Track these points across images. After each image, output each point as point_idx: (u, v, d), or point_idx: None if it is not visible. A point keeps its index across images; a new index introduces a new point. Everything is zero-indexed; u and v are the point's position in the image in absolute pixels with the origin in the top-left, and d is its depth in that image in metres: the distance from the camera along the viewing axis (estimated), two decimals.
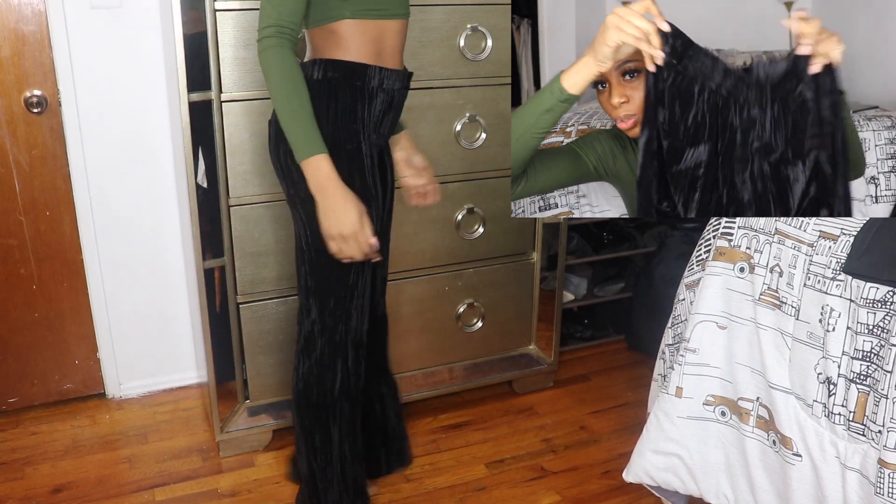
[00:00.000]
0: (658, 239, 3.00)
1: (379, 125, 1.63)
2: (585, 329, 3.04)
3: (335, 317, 1.69)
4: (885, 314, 1.33)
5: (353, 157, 1.59)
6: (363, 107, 1.58)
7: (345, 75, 1.55)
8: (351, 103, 1.57)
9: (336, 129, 1.57)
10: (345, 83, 1.55)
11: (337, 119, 1.56)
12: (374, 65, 1.57)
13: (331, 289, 1.67)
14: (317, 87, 1.54)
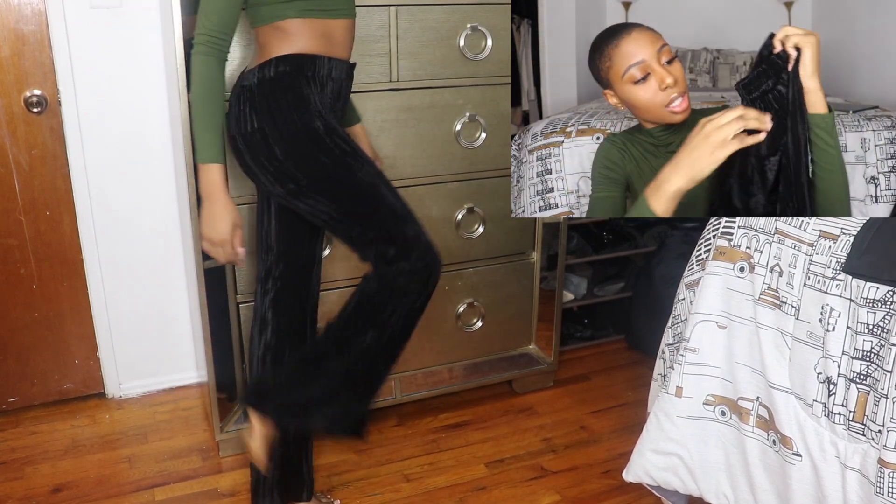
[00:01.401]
0: (658, 239, 3.00)
1: (332, 111, 1.70)
2: (585, 329, 3.04)
3: (415, 247, 1.69)
4: (885, 314, 1.33)
5: (328, 129, 1.65)
6: (315, 94, 1.64)
7: (295, 67, 1.63)
8: (306, 91, 1.63)
9: (301, 113, 1.63)
10: (297, 74, 1.62)
11: (299, 104, 1.62)
12: (323, 55, 1.65)
13: (388, 224, 1.69)
14: (271, 84, 1.62)
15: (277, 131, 1.61)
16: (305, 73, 1.63)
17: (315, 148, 1.63)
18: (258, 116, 1.62)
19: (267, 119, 1.62)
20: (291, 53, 1.62)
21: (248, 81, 1.64)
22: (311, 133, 1.63)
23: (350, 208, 1.66)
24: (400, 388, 2.43)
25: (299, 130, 1.62)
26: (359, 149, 1.69)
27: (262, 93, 1.62)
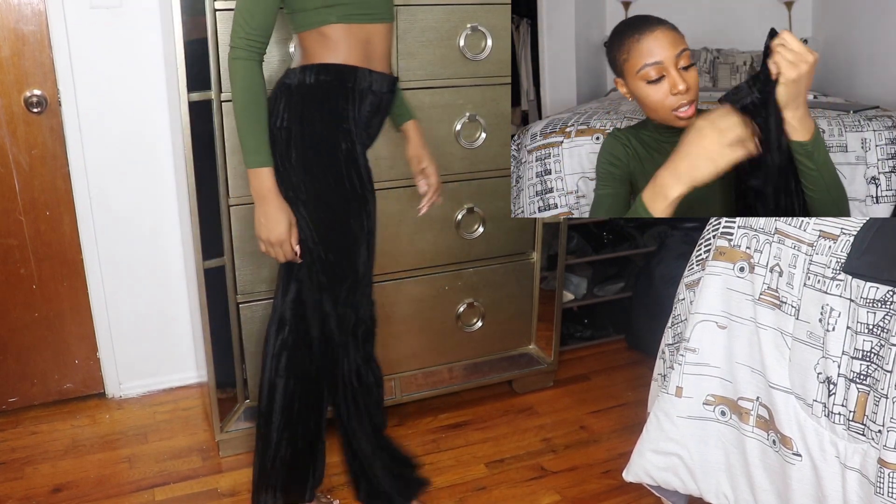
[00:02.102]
0: (658, 239, 3.00)
1: (367, 126, 1.69)
2: (585, 329, 3.04)
3: (346, 306, 1.75)
4: (885, 314, 1.33)
5: (349, 156, 1.65)
6: (354, 108, 1.64)
7: (336, 78, 1.61)
8: (343, 105, 1.63)
9: (330, 129, 1.63)
10: (337, 85, 1.61)
11: (331, 120, 1.63)
12: (364, 67, 1.63)
13: (343, 279, 1.73)
14: (310, 91, 1.61)
15: (300, 137, 1.62)
16: (346, 85, 1.62)
17: (327, 169, 1.64)
18: (289, 116, 1.62)
19: (296, 122, 1.62)
20: (334, 63, 1.61)
21: (289, 80, 1.64)
22: (330, 152, 1.63)
23: (324, 245, 1.70)
24: (400, 388, 2.43)
25: (320, 144, 1.62)
26: (368, 195, 1.70)
27: (300, 95, 1.62)
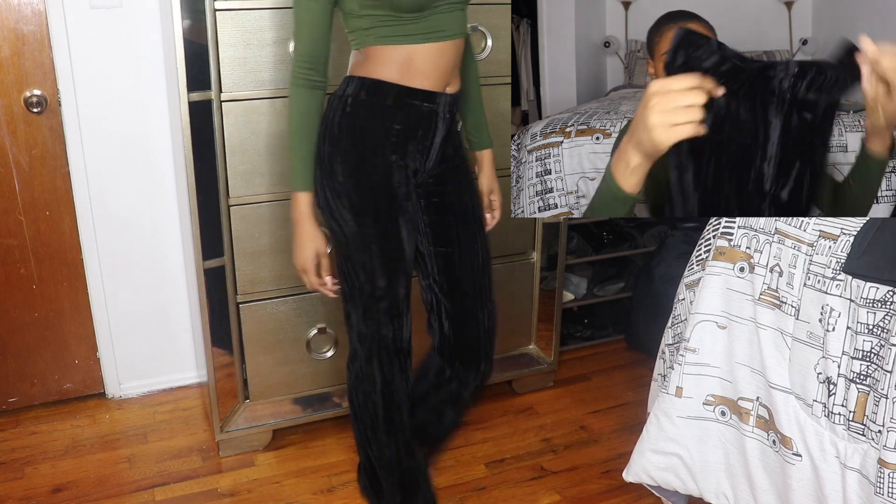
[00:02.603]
0: (658, 239, 3.00)
1: (404, 143, 1.63)
2: (585, 329, 3.04)
3: (368, 323, 1.73)
4: (885, 314, 1.33)
5: (378, 168, 1.63)
6: (381, 123, 1.61)
7: (368, 92, 1.60)
8: (371, 119, 1.61)
9: (359, 142, 1.61)
10: (367, 99, 1.60)
11: (363, 133, 1.61)
12: (396, 83, 1.59)
13: (361, 294, 1.71)
14: (351, 100, 1.61)
15: (339, 140, 1.61)
16: (372, 99, 1.60)
17: (359, 182, 1.62)
18: (339, 119, 1.61)
19: (340, 124, 1.61)
20: (375, 78, 1.59)
21: (341, 90, 1.64)
22: (361, 165, 1.62)
23: (342, 259, 1.70)
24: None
25: (351, 153, 1.61)
26: (394, 220, 1.66)
27: (345, 103, 1.61)
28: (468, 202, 1.78)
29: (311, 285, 1.68)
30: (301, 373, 2.32)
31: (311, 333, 2.29)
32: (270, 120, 2.07)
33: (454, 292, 1.80)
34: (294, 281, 2.21)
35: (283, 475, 2.21)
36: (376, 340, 1.73)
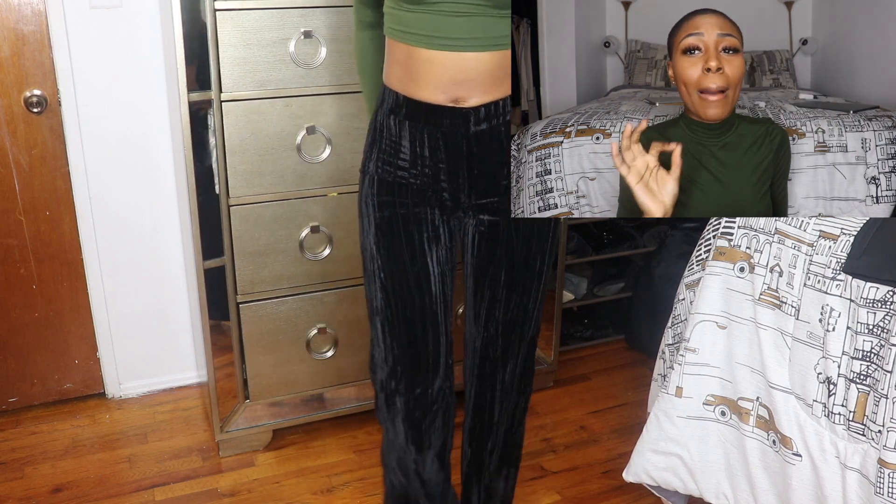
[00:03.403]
0: (658, 239, 3.00)
1: (415, 162, 1.44)
2: (585, 329, 3.04)
3: (374, 362, 1.56)
4: (885, 314, 1.33)
5: (390, 185, 1.48)
6: (378, 137, 1.48)
7: (390, 104, 1.46)
8: (372, 130, 1.50)
9: (367, 154, 1.51)
10: (390, 113, 1.46)
11: (377, 150, 1.49)
12: (394, 90, 1.43)
13: (373, 355, 1.57)
14: (378, 110, 1.51)
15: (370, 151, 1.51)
16: (397, 115, 1.43)
17: (369, 195, 1.49)
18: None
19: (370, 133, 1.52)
20: (391, 88, 1.44)
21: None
22: (371, 179, 1.49)
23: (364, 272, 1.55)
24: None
25: (366, 167, 1.50)
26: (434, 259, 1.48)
27: (374, 116, 1.51)
28: (522, 250, 1.53)
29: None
30: (301, 373, 2.32)
31: (311, 333, 2.29)
32: (270, 120, 2.07)
33: (476, 360, 1.61)
34: (294, 281, 2.21)
35: (283, 475, 2.21)
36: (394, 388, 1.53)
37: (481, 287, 1.54)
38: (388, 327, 1.49)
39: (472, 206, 1.48)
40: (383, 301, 1.48)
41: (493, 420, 1.65)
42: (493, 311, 1.55)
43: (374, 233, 1.47)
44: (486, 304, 1.55)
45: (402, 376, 1.51)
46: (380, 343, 1.51)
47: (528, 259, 1.53)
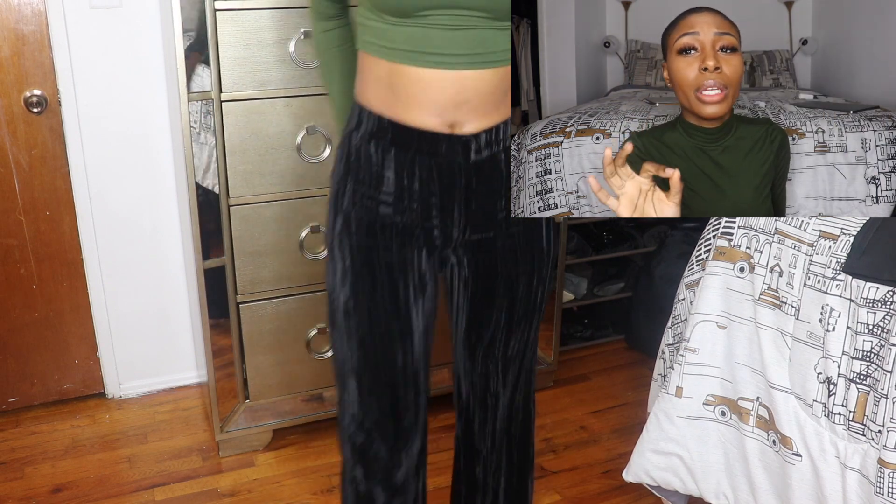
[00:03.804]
0: (658, 239, 3.00)
1: (401, 196, 1.25)
2: (585, 329, 3.04)
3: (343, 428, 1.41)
4: (885, 314, 1.33)
5: (370, 225, 1.27)
6: (355, 166, 1.28)
7: (371, 130, 1.25)
8: (345, 157, 1.30)
9: (339, 186, 1.30)
10: (371, 140, 1.26)
11: (341, 173, 1.31)
12: (374, 111, 1.24)
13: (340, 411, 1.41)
14: (348, 136, 1.31)
15: (333, 193, 1.32)
16: (380, 141, 1.23)
17: (344, 236, 1.30)
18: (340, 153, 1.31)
19: (338, 167, 1.31)
20: (369, 109, 1.24)
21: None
22: (346, 218, 1.28)
23: (331, 328, 1.38)
24: None
25: (338, 203, 1.30)
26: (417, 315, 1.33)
27: (345, 139, 1.30)
28: (524, 288, 1.39)
29: None
30: (301, 373, 2.32)
31: (311, 333, 2.29)
32: (270, 120, 2.07)
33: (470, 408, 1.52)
34: (294, 281, 2.21)
35: (283, 475, 2.21)
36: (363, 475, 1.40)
37: (476, 329, 1.41)
38: (366, 389, 1.33)
39: (465, 242, 1.31)
40: (360, 361, 1.32)
41: (492, 450, 1.56)
42: (491, 350, 1.43)
43: (351, 283, 1.28)
44: (484, 345, 1.43)
45: (383, 442, 1.37)
46: (354, 405, 1.35)
47: (530, 295, 1.39)
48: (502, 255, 1.34)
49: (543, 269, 1.40)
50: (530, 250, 1.36)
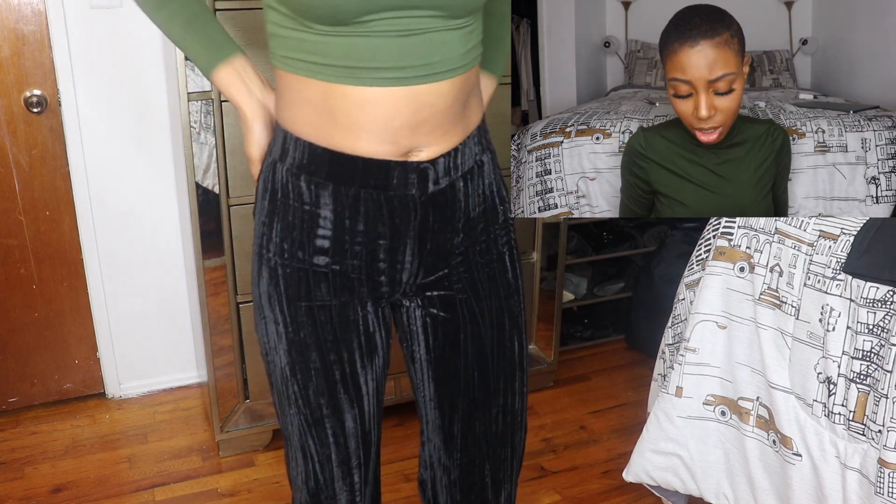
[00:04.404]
0: (658, 239, 3.00)
1: (341, 240, 1.04)
2: (585, 329, 3.04)
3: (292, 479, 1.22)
4: (885, 314, 1.33)
5: (303, 279, 1.06)
6: (282, 207, 1.05)
7: (304, 163, 1.03)
8: (269, 193, 1.07)
9: (263, 229, 1.08)
10: (303, 173, 1.03)
11: (266, 213, 1.08)
12: (303, 139, 1.02)
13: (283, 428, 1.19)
14: (272, 168, 1.07)
15: (271, 213, 1.07)
16: (312, 175, 1.02)
17: (273, 294, 1.08)
18: (263, 182, 1.09)
19: (264, 188, 1.08)
20: (296, 136, 1.02)
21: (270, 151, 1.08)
22: (273, 272, 1.07)
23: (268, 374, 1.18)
24: (400, 388, 2.43)
25: (263, 250, 1.08)
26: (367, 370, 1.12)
27: (267, 171, 1.07)
28: (493, 330, 1.15)
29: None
30: None
31: None
32: None
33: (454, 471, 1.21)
34: None
35: (283, 475, 2.21)
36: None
37: (447, 393, 1.16)
38: (310, 458, 1.16)
39: (419, 285, 1.11)
40: (303, 429, 1.14)
41: None
42: (472, 425, 1.17)
43: (286, 349, 1.09)
44: (461, 418, 1.17)
45: (329, 501, 1.19)
46: (300, 468, 1.18)
47: (504, 340, 1.16)
48: (462, 293, 1.12)
49: (514, 307, 1.16)
50: (493, 286, 1.14)
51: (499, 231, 1.14)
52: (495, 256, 1.14)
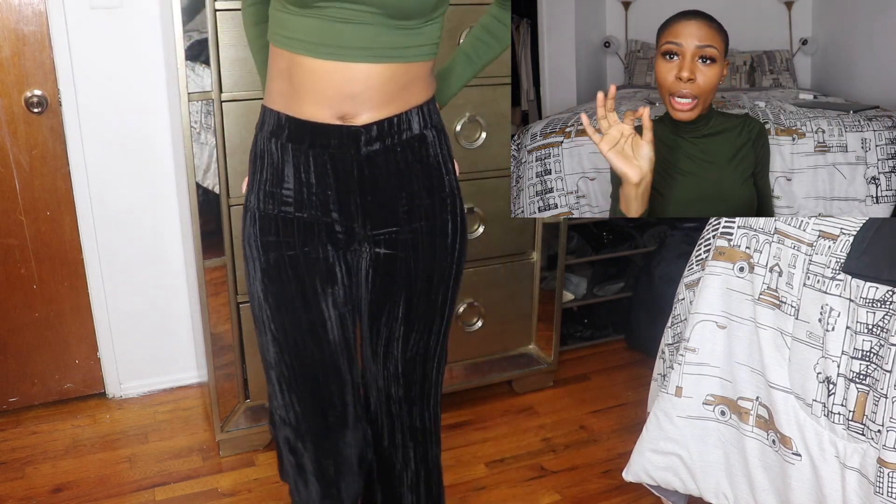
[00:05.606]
0: (658, 239, 3.00)
1: (300, 191, 1.29)
2: (585, 329, 3.04)
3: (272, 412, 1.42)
4: (885, 314, 1.33)
5: (273, 222, 1.32)
6: (260, 166, 1.33)
7: (269, 127, 1.30)
8: (253, 158, 1.35)
9: (249, 186, 1.36)
10: (270, 137, 1.31)
11: (251, 174, 1.36)
12: (275, 110, 1.28)
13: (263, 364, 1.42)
14: (254, 138, 1.36)
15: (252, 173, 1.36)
16: (279, 138, 1.29)
17: (252, 235, 1.35)
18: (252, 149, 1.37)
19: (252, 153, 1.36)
20: (272, 108, 1.29)
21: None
22: (253, 217, 1.33)
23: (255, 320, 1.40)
24: None
25: (248, 202, 1.35)
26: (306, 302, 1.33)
27: (254, 141, 1.35)
28: (422, 283, 1.37)
29: None
30: None
31: None
32: None
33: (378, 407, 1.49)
34: None
35: None
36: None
37: (377, 324, 1.40)
38: (285, 383, 1.36)
39: (368, 237, 1.33)
40: (277, 355, 1.35)
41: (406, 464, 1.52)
42: (390, 348, 1.41)
43: (261, 279, 1.32)
44: (384, 342, 1.41)
45: (308, 434, 1.38)
46: (278, 399, 1.37)
47: (430, 293, 1.37)
48: (403, 250, 1.33)
49: (446, 268, 1.37)
50: (432, 247, 1.34)
51: (445, 199, 1.34)
52: (438, 223, 1.34)
